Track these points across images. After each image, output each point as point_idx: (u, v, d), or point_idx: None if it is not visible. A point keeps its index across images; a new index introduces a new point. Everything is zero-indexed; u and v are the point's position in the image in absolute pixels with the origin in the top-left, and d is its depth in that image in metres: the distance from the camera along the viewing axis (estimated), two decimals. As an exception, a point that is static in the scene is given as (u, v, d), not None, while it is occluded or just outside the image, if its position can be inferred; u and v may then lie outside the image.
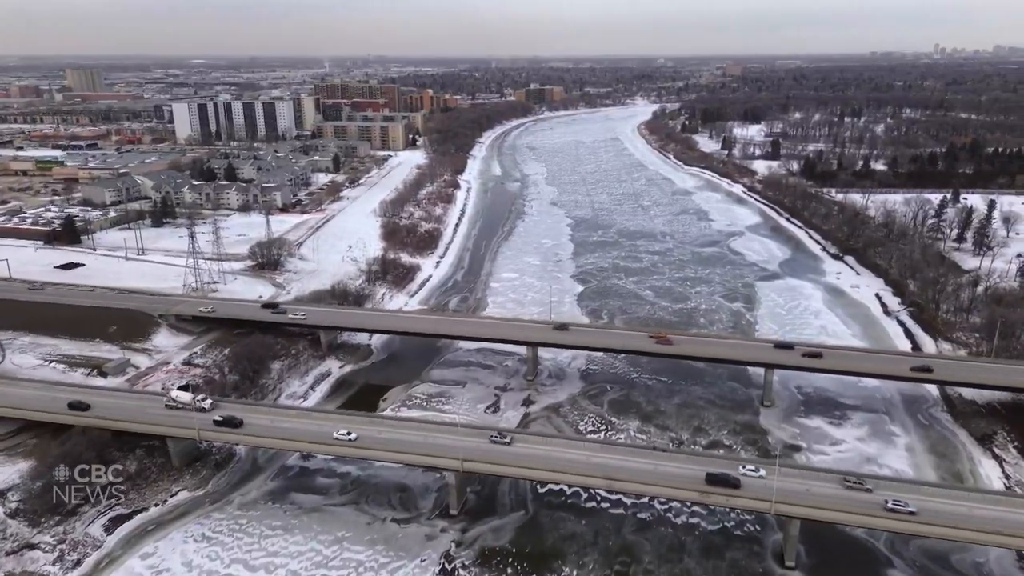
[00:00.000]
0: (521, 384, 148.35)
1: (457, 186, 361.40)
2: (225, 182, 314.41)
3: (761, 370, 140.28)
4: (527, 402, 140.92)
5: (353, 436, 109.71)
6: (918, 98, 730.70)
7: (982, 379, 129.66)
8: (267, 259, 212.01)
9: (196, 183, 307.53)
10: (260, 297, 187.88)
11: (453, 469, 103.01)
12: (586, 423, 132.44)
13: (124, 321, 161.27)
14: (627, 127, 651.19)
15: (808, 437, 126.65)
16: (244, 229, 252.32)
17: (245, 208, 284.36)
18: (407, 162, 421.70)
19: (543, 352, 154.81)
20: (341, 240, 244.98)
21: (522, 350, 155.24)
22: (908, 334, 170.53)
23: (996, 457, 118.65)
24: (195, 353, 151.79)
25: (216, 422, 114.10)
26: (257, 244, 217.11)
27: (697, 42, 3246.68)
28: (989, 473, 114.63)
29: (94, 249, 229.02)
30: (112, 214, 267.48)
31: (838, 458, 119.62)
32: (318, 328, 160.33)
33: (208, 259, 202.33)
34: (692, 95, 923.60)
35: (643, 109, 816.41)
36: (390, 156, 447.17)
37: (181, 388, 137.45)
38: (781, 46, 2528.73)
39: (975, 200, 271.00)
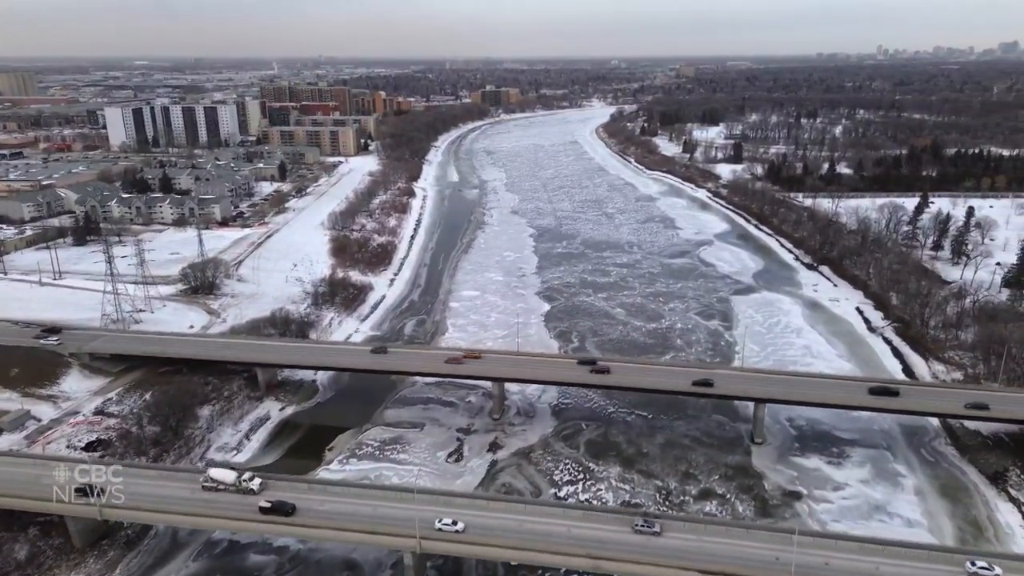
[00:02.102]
0: (486, 424, 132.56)
1: (412, 194, 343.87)
2: (159, 194, 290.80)
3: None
4: (494, 447, 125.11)
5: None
6: (870, 99, 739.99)
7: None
8: (201, 282, 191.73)
9: (126, 195, 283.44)
10: (191, 327, 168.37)
11: (409, 549, 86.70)
12: (562, 471, 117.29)
13: (28, 362, 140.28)
14: (585, 130, 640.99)
15: (807, 481, 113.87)
16: (178, 247, 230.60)
17: (180, 222, 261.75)
18: (359, 169, 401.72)
19: (511, 384, 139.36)
20: (285, 258, 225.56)
21: (487, 383, 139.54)
22: (896, 353, 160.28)
23: (1013, 500, 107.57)
24: (110, 399, 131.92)
25: (263, 509, 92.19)
26: (189, 265, 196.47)
27: (648, 44, 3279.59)
28: (1009, 521, 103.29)
29: (5, 273, 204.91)
30: (28, 232, 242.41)
31: (843, 507, 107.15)
32: (254, 365, 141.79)
33: (134, 283, 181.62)
34: (648, 97, 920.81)
35: (600, 111, 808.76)
36: (340, 162, 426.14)
37: (89, 445, 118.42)
38: (730, 47, 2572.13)
39: (943, 204, 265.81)
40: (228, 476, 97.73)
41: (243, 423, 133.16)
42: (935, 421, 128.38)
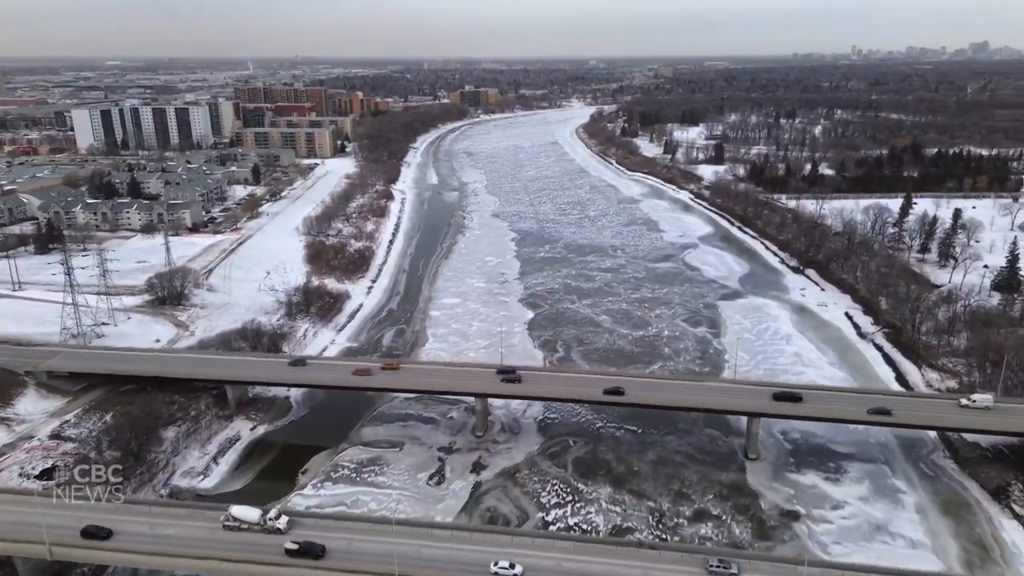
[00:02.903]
0: (469, 442, 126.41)
1: (391, 197, 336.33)
2: (126, 199, 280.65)
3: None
4: (477, 467, 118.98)
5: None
6: (847, 99, 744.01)
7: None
8: (169, 292, 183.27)
9: (91, 201, 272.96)
10: (157, 341, 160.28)
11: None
12: (549, 493, 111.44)
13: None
14: (565, 130, 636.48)
15: (805, 499, 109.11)
16: (146, 254, 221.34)
17: (149, 229, 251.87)
18: (335, 171, 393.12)
19: (495, 399, 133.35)
20: (258, 265, 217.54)
21: (470, 398, 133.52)
22: (888, 360, 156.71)
23: (1017, 517, 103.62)
24: (67, 422, 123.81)
25: (289, 552, 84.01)
26: (156, 275, 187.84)
27: (626, 44, 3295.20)
28: (1015, 539, 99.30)
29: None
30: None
31: (844, 527, 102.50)
32: (223, 382, 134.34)
33: (97, 294, 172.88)
34: (627, 97, 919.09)
35: (580, 111, 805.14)
36: (317, 165, 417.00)
37: (44, 473, 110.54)
38: (707, 48, 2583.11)
39: (926, 205, 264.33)
40: (252, 515, 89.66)
41: (211, 445, 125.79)
42: (933, 433, 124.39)
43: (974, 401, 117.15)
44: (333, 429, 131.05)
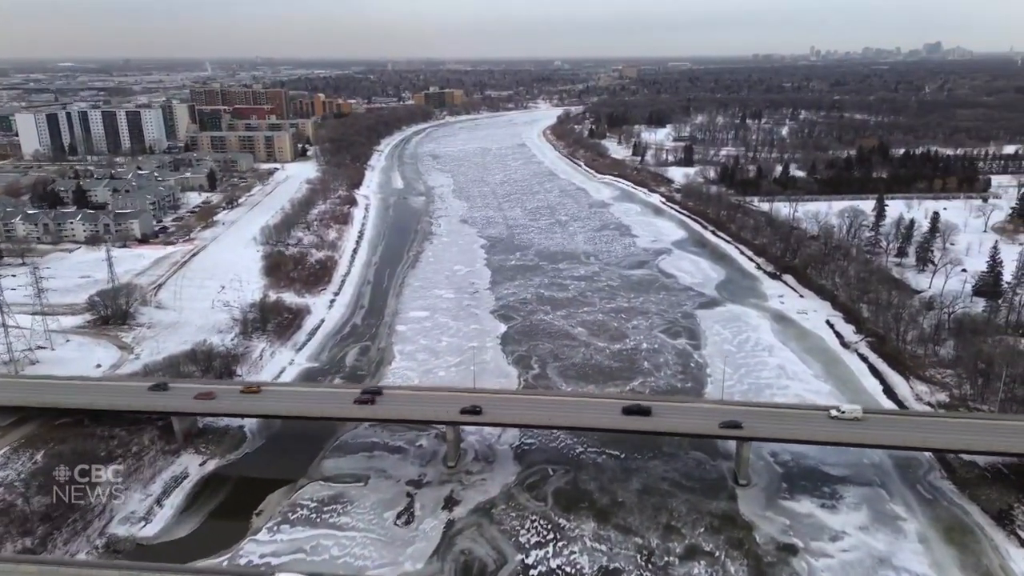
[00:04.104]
0: (440, 474, 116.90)
1: (354, 203, 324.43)
2: (71, 208, 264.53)
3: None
4: (449, 502, 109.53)
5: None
6: (810, 99, 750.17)
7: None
8: (113, 310, 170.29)
9: (32, 211, 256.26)
10: (98, 366, 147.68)
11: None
12: (528, 531, 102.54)
13: None
14: (533, 132, 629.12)
15: (802, 530, 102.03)
16: (90, 268, 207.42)
17: (95, 240, 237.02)
18: (296, 176, 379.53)
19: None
20: (212, 278, 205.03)
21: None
22: (874, 371, 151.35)
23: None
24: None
25: None
26: (99, 292, 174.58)
27: (589, 44, 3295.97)
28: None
29: None
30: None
31: (845, 561, 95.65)
32: (167, 413, 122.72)
33: (32, 314, 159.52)
34: (594, 98, 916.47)
35: (546, 113, 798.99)
36: (276, 169, 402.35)
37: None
38: (669, 48, 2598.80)
39: (898, 207, 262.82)
40: None
41: (155, 484, 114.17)
42: (928, 452, 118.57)
43: (843, 412, 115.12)
44: (291, 462, 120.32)
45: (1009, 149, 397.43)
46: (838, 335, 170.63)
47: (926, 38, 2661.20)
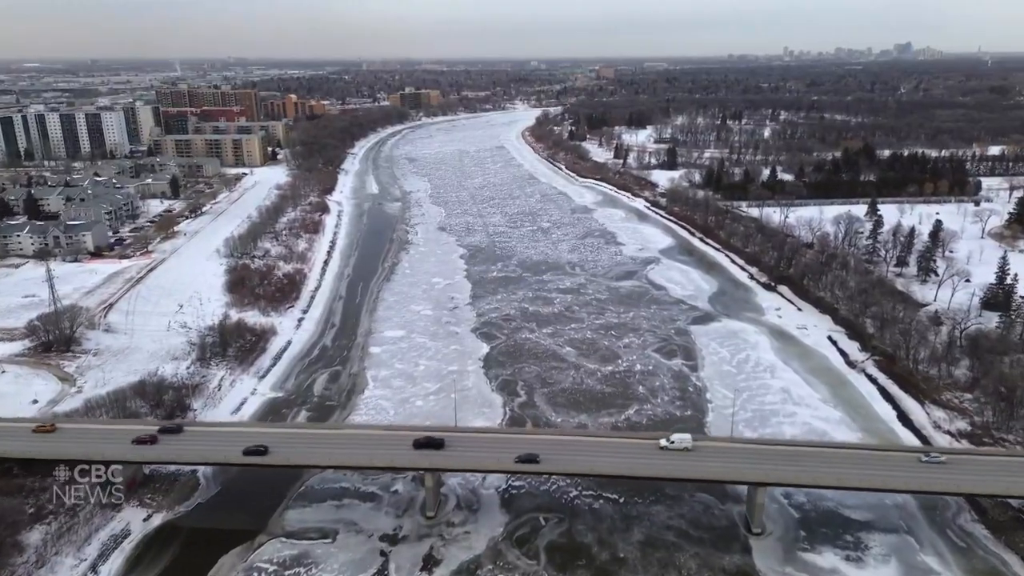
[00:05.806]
0: (418, 527, 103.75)
1: (326, 210, 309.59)
2: (19, 219, 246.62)
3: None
4: (429, 562, 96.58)
5: None
6: (788, 100, 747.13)
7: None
8: (56, 336, 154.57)
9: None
10: (35, 402, 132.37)
11: None
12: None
13: None
14: (511, 133, 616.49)
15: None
16: (36, 287, 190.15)
17: (43, 254, 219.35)
18: (265, 181, 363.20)
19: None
20: (170, 296, 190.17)
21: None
22: (885, 394, 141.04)
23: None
24: None
25: None
26: (40, 315, 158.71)
27: (565, 44, 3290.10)
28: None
29: None
30: None
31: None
32: (111, 463, 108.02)
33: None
34: (572, 99, 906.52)
35: (524, 113, 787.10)
36: (245, 174, 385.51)
37: None
38: (645, 48, 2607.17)
39: (890, 211, 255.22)
40: None
41: (91, 546, 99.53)
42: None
43: (673, 442, 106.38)
44: (250, 513, 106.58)
45: (994, 150, 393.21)
46: (842, 353, 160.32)
47: (895, 38, 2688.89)
